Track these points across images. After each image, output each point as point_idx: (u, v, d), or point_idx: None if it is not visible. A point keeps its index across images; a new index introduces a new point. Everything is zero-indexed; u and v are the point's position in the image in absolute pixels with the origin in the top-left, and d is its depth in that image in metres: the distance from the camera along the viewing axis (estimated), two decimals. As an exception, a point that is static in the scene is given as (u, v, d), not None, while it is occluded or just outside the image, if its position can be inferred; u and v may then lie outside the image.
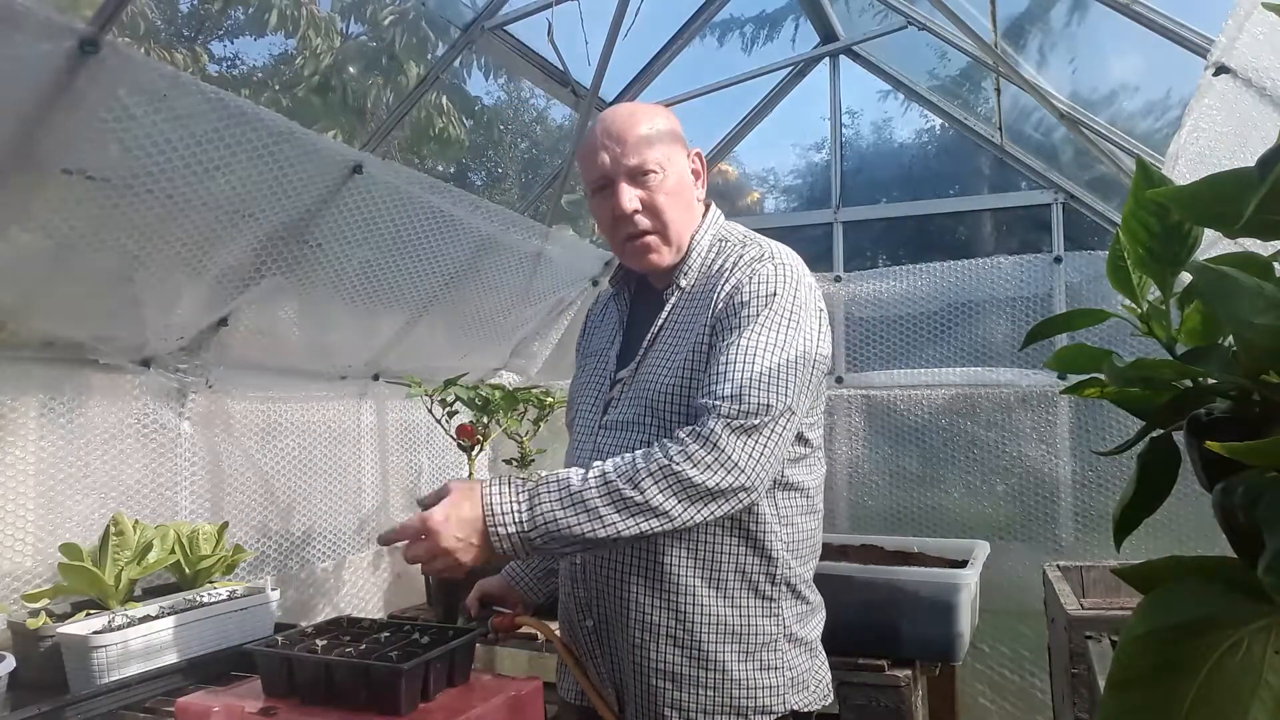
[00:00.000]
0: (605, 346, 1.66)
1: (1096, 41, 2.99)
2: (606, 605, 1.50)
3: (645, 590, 1.45)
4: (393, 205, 2.43)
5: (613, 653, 1.51)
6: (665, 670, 1.44)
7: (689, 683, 1.43)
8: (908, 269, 3.30)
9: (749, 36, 4.76)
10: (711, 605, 1.44)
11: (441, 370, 2.95)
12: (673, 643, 1.44)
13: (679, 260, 1.57)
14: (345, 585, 2.87)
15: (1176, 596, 0.67)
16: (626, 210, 1.51)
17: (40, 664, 1.69)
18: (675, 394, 1.45)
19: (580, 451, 1.58)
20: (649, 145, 1.51)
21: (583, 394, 1.65)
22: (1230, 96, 1.93)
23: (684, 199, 1.56)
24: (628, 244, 1.55)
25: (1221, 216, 0.67)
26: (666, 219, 1.53)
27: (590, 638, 1.54)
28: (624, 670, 1.49)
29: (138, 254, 1.96)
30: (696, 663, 1.43)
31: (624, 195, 1.51)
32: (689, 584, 1.44)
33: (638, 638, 1.46)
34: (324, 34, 8.67)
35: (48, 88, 1.60)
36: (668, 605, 1.44)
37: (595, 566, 1.51)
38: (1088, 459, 2.98)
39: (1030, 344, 1.05)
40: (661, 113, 1.59)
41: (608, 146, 1.52)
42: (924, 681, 2.36)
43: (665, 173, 1.52)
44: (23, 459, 2.00)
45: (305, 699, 1.35)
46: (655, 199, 1.52)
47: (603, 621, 1.51)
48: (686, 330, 1.50)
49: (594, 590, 1.51)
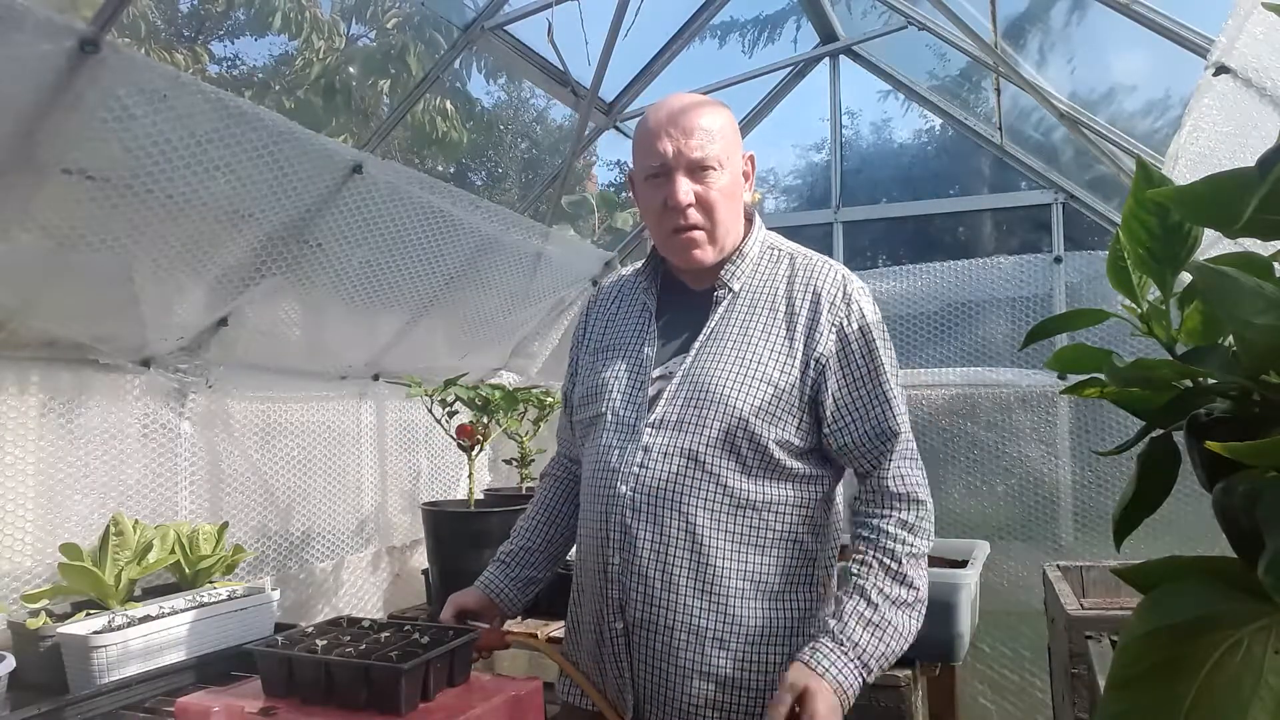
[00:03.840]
0: (633, 340, 1.60)
1: (1096, 41, 2.99)
2: (646, 607, 1.46)
3: (693, 593, 1.44)
4: (393, 205, 2.42)
5: (646, 655, 1.47)
6: (709, 673, 1.43)
7: (734, 685, 1.43)
8: (908, 269, 3.31)
9: (750, 38, 4.77)
10: (759, 607, 1.44)
11: (441, 370, 2.95)
12: (719, 645, 1.43)
13: (722, 261, 1.55)
14: (345, 585, 2.87)
15: (1176, 596, 0.67)
16: (681, 203, 1.48)
17: (40, 664, 1.69)
18: (768, 405, 1.45)
19: (622, 449, 1.51)
20: (712, 140, 1.49)
21: (610, 388, 1.56)
22: (1230, 96, 1.93)
23: (736, 200, 1.55)
24: (675, 236, 1.52)
25: (1221, 216, 0.67)
26: (718, 217, 1.51)
27: (619, 640, 1.50)
28: (657, 672, 1.46)
29: (138, 254, 1.96)
30: (743, 665, 1.43)
31: (681, 187, 1.48)
32: (738, 586, 1.44)
33: (681, 640, 1.44)
34: (326, 36, 8.68)
35: (48, 88, 1.60)
36: (715, 608, 1.43)
37: (637, 567, 1.47)
38: (1088, 459, 2.98)
39: (1030, 344, 1.05)
40: (725, 109, 1.57)
41: (671, 135, 1.48)
42: (924, 681, 2.35)
43: (723, 170, 1.50)
44: (23, 459, 2.00)
45: (305, 699, 1.35)
46: (710, 195, 1.50)
47: (637, 624, 1.48)
48: (757, 337, 1.49)
49: (632, 592, 1.47)
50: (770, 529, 1.47)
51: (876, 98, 3.97)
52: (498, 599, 1.69)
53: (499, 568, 1.72)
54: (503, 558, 1.74)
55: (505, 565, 1.72)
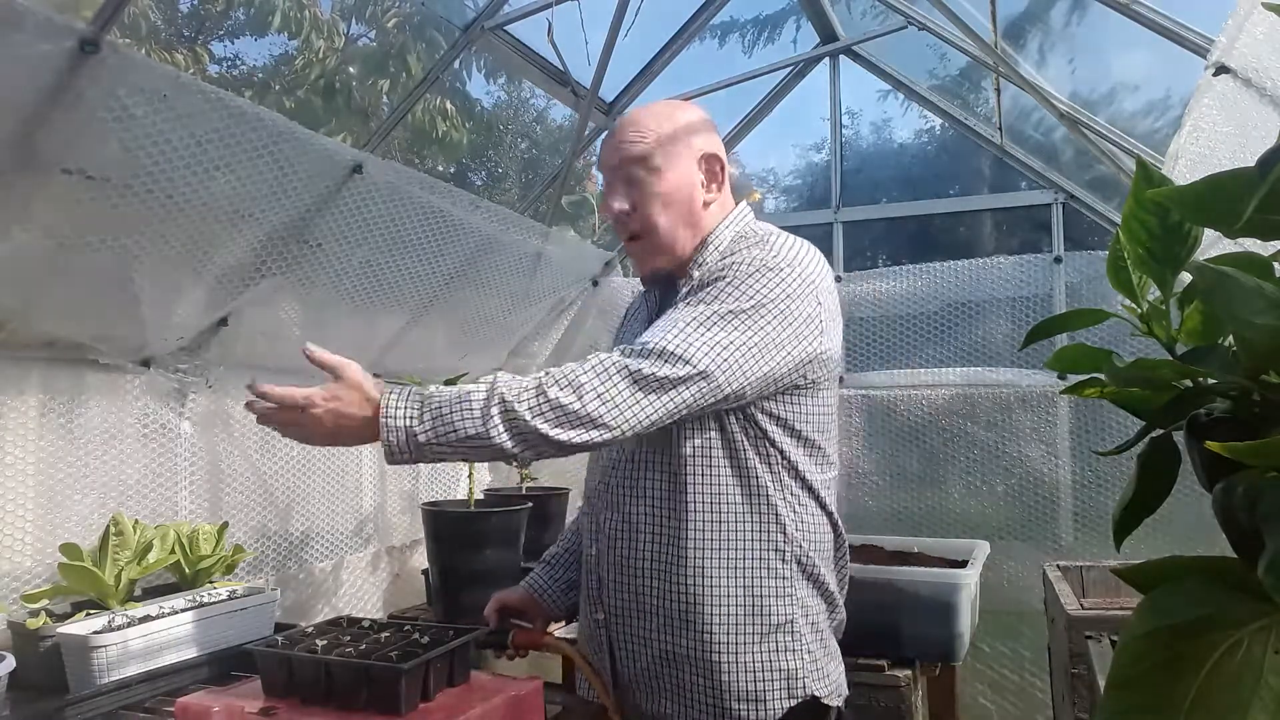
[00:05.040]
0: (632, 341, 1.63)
1: (1096, 41, 2.99)
2: (618, 596, 1.48)
3: (660, 577, 1.44)
4: (393, 205, 2.43)
5: (623, 642, 1.49)
6: (681, 654, 1.43)
7: (705, 665, 1.42)
8: (908, 269, 3.30)
9: (750, 38, 4.77)
10: (726, 586, 1.42)
11: (441, 370, 2.95)
12: (689, 628, 1.42)
13: (690, 258, 1.54)
14: (344, 585, 2.87)
15: (1176, 596, 0.67)
16: (612, 210, 1.50)
17: (40, 664, 1.69)
18: None
19: (608, 453, 1.54)
20: (642, 138, 1.49)
21: None
22: (1230, 96, 1.93)
23: (682, 203, 1.52)
24: (626, 244, 1.56)
25: (1221, 216, 0.67)
26: (654, 223, 1.50)
27: (599, 631, 1.52)
28: (635, 660, 1.47)
29: (138, 254, 1.96)
30: (712, 645, 1.42)
31: (612, 196, 1.51)
32: (705, 566, 1.43)
33: (653, 625, 1.44)
34: (326, 36, 8.67)
35: (48, 88, 1.60)
36: (683, 591, 1.43)
37: (609, 557, 1.49)
38: (1088, 459, 2.98)
39: (1030, 344, 1.05)
40: (674, 112, 1.56)
41: (609, 141, 1.51)
42: (924, 681, 2.36)
43: (659, 173, 1.49)
44: (23, 459, 2.00)
45: (305, 699, 1.35)
46: (643, 200, 1.50)
47: (614, 614, 1.49)
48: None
49: (606, 582, 1.50)
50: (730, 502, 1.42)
51: (876, 98, 3.98)
52: (541, 599, 1.72)
53: (544, 569, 1.75)
54: (548, 559, 1.77)
55: (550, 566, 1.75)
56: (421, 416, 1.26)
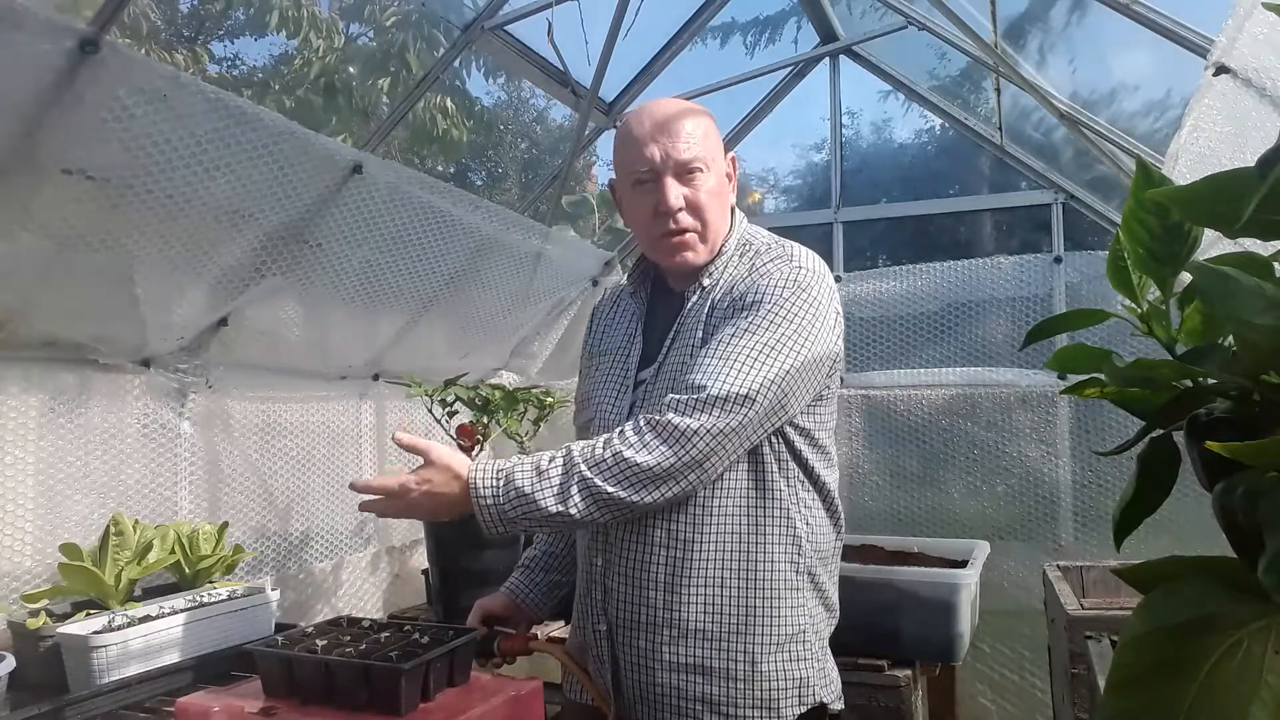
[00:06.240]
0: (622, 346, 1.62)
1: (1096, 41, 2.99)
2: (627, 608, 1.47)
3: (673, 590, 1.44)
4: (393, 205, 2.42)
5: (629, 655, 1.48)
6: (694, 665, 1.43)
7: (720, 676, 1.42)
8: (908, 269, 3.30)
9: (750, 39, 4.77)
10: (743, 599, 1.43)
11: (441, 370, 2.95)
12: (704, 640, 1.43)
13: (708, 261, 1.56)
14: (344, 585, 2.87)
15: (1176, 596, 0.67)
16: (673, 207, 1.49)
17: (40, 664, 1.69)
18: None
19: None
20: (697, 142, 1.50)
21: (601, 394, 1.60)
22: (1230, 96, 1.93)
23: (722, 200, 1.56)
24: (665, 239, 1.53)
25: (1221, 216, 0.67)
26: (707, 218, 1.52)
27: (602, 643, 1.51)
28: (642, 671, 1.46)
29: (138, 254, 1.96)
30: (728, 656, 1.42)
31: (671, 191, 1.49)
32: (723, 578, 1.43)
33: (664, 637, 1.44)
34: (325, 35, 8.67)
35: (48, 88, 1.60)
36: (697, 600, 1.43)
37: (618, 568, 1.48)
38: (1088, 459, 2.98)
39: (1030, 344, 1.05)
40: (706, 112, 1.58)
41: (658, 140, 1.49)
42: (924, 681, 2.36)
43: (709, 172, 1.52)
44: (23, 459, 2.00)
45: (305, 699, 1.35)
46: (699, 197, 1.51)
47: (619, 624, 1.49)
48: (698, 329, 1.50)
49: (614, 593, 1.49)
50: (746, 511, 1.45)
51: (876, 98, 3.98)
52: (523, 603, 1.70)
53: (523, 573, 1.74)
54: (526, 563, 1.76)
55: (529, 570, 1.74)
56: (506, 493, 1.36)
